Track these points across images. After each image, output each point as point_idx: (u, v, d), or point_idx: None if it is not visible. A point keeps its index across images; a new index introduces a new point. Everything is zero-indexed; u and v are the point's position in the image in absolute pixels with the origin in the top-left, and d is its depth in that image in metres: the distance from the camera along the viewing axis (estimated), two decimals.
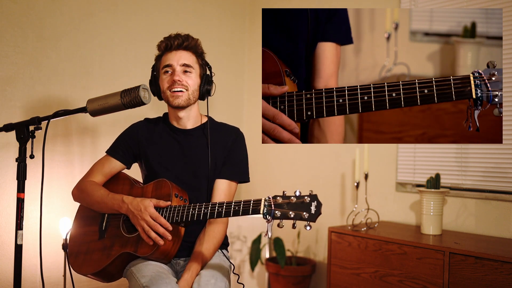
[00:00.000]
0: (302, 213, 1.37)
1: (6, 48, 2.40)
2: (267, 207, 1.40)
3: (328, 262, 2.45)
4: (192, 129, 1.84)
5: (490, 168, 2.33)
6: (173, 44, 1.77)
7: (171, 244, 1.62)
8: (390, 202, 2.70)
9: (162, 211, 1.62)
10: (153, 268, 1.61)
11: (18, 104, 2.43)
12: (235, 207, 1.49)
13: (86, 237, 1.79)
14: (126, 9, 2.86)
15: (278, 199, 1.40)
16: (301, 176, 3.19)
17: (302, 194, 1.40)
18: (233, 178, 1.82)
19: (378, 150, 2.74)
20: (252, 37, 3.52)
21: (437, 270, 2.02)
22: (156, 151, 1.82)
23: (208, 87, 1.82)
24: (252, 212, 1.45)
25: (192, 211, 1.56)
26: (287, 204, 1.39)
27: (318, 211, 1.37)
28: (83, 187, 1.81)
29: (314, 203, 1.38)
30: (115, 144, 1.87)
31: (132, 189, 1.78)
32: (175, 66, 1.76)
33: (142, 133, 1.85)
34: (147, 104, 1.55)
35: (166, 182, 1.70)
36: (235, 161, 1.83)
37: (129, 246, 1.65)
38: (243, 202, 1.48)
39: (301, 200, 1.38)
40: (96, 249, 1.74)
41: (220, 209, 1.52)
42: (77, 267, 1.75)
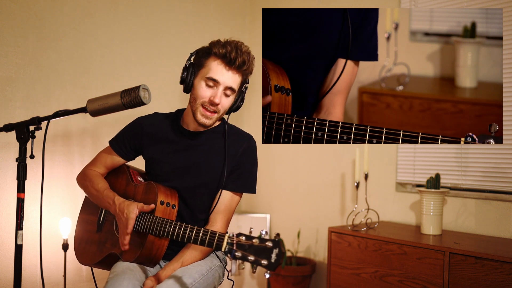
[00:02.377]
0: (261, 260, 1.29)
1: (6, 48, 2.40)
2: (229, 245, 1.36)
3: (328, 262, 2.45)
4: (204, 131, 1.75)
5: (490, 168, 2.33)
6: (234, 62, 1.60)
7: (154, 253, 1.62)
8: (390, 202, 2.70)
9: (145, 219, 1.58)
10: (126, 265, 1.61)
11: (18, 104, 2.43)
12: (202, 236, 1.46)
13: (88, 225, 1.83)
14: (126, 9, 2.86)
15: (241, 238, 1.34)
16: (301, 176, 3.19)
17: (266, 238, 1.33)
18: (237, 190, 1.74)
19: (378, 150, 2.74)
20: (252, 37, 3.51)
21: (437, 270, 2.02)
22: (159, 150, 1.75)
23: (240, 103, 1.74)
24: (216, 247, 1.41)
25: (168, 228, 1.53)
26: (250, 246, 1.31)
27: (278, 260, 1.28)
28: (85, 175, 1.80)
29: (276, 250, 1.29)
30: (119, 137, 1.82)
31: (127, 187, 1.77)
32: (220, 85, 1.62)
33: (147, 129, 1.77)
34: (147, 104, 1.55)
35: (153, 187, 1.66)
36: (243, 174, 1.74)
37: (117, 247, 1.67)
38: (210, 232, 1.44)
39: (263, 244, 1.30)
40: (94, 241, 1.78)
41: (190, 234, 1.48)
42: (79, 256, 1.81)
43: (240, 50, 1.62)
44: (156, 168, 1.77)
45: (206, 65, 1.63)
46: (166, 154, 1.75)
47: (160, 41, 3.00)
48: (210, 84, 1.62)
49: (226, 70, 1.62)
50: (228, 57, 1.60)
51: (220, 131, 1.76)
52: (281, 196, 3.29)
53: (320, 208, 3.04)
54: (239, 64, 1.61)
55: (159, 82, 2.93)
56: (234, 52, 1.60)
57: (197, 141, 1.75)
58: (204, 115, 1.64)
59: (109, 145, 1.83)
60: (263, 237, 1.32)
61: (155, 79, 2.95)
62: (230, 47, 1.61)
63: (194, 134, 1.75)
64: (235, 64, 1.60)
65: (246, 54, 1.63)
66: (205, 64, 1.64)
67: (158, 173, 1.75)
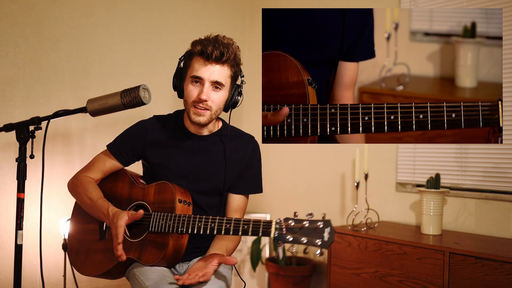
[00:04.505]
0: (315, 240, 1.30)
1: (6, 48, 2.40)
2: (278, 230, 1.34)
3: (328, 262, 2.45)
4: (207, 135, 1.75)
5: (490, 168, 2.33)
6: (210, 56, 1.59)
7: (176, 252, 1.59)
8: (390, 202, 2.70)
9: (167, 219, 1.55)
10: (157, 271, 1.59)
11: (18, 104, 2.43)
12: (244, 226, 1.43)
13: (86, 235, 1.75)
14: (126, 9, 2.86)
15: (290, 223, 1.33)
16: (301, 176, 3.19)
17: (315, 218, 1.33)
18: (248, 193, 1.79)
19: (378, 150, 2.74)
20: (252, 37, 3.51)
21: (437, 270, 2.02)
22: (165, 154, 1.73)
23: (236, 99, 1.70)
24: (263, 234, 1.37)
25: (198, 224, 1.51)
26: (300, 229, 1.32)
27: (331, 238, 1.30)
28: (78, 182, 1.73)
29: (328, 229, 1.31)
30: (119, 142, 1.76)
31: (133, 189, 1.72)
32: (205, 81, 1.62)
33: (151, 134, 1.74)
34: (147, 104, 1.55)
35: (169, 186, 1.63)
36: (253, 177, 1.78)
37: (133, 251, 1.61)
38: (253, 222, 1.42)
39: (314, 225, 1.31)
40: (98, 250, 1.70)
41: (228, 226, 1.46)
42: (79, 268, 1.72)
43: (217, 42, 1.61)
44: (164, 173, 1.72)
45: (190, 65, 1.65)
46: (175, 159, 1.73)
47: (160, 41, 3.00)
48: (196, 81, 1.63)
49: (206, 65, 1.61)
50: (205, 52, 1.60)
51: (223, 134, 1.76)
52: (281, 195, 3.29)
53: (320, 208, 3.03)
54: (216, 57, 1.59)
55: (159, 82, 2.93)
56: (210, 46, 1.59)
57: (204, 145, 1.74)
58: (196, 113, 1.64)
59: (108, 150, 1.77)
60: (311, 219, 1.33)
61: (155, 79, 2.95)
62: (207, 41, 1.61)
63: (200, 137, 1.74)
64: (212, 57, 1.59)
65: (225, 45, 1.61)
66: (189, 65, 1.66)
67: (167, 178, 1.69)
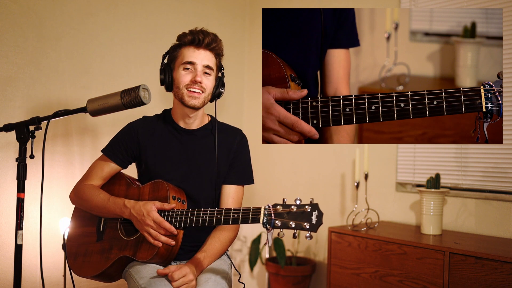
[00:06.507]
0: (303, 223, 1.33)
1: (6, 48, 2.40)
2: (266, 216, 1.37)
3: (328, 262, 2.45)
4: (196, 129, 1.80)
5: (490, 168, 2.33)
6: (202, 42, 1.70)
7: (170, 248, 1.60)
8: (390, 202, 2.70)
9: (160, 215, 1.58)
10: (151, 270, 1.60)
11: (18, 104, 2.43)
12: (234, 215, 1.47)
13: (84, 238, 1.77)
14: (126, 9, 2.86)
15: (278, 208, 1.37)
16: (301, 176, 3.19)
17: (302, 203, 1.36)
18: (240, 183, 1.81)
19: (378, 150, 2.74)
20: (252, 38, 3.52)
21: (437, 270, 2.02)
22: (158, 152, 1.76)
23: (221, 90, 1.78)
24: (252, 221, 1.42)
25: (190, 217, 1.55)
26: (288, 213, 1.35)
27: (319, 221, 1.34)
28: (81, 192, 1.75)
29: (315, 212, 1.34)
30: (113, 145, 1.79)
31: (129, 190, 1.75)
32: (197, 65, 1.70)
33: (142, 133, 1.78)
34: (147, 104, 1.55)
35: (163, 184, 1.66)
36: (242, 166, 1.81)
37: (128, 249, 1.64)
38: (242, 210, 1.46)
39: (301, 209, 1.35)
40: (94, 251, 1.72)
41: (219, 216, 1.50)
42: (77, 270, 1.74)
43: (206, 32, 1.73)
44: (158, 170, 1.75)
45: (179, 54, 1.73)
46: (167, 156, 1.76)
47: (160, 41, 3.00)
48: (188, 67, 1.71)
49: (197, 50, 1.71)
50: (196, 39, 1.70)
51: (211, 128, 1.82)
52: (281, 195, 3.29)
53: (320, 208, 3.03)
54: (207, 43, 1.70)
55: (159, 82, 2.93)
56: (201, 34, 1.71)
57: (194, 139, 1.79)
58: (191, 96, 1.70)
59: (103, 154, 1.79)
60: (299, 204, 1.36)
61: (155, 79, 2.94)
62: (195, 31, 1.73)
63: (190, 132, 1.79)
64: (204, 43, 1.70)
65: (213, 35, 1.73)
66: (178, 55, 1.73)
67: (161, 176, 1.72)
